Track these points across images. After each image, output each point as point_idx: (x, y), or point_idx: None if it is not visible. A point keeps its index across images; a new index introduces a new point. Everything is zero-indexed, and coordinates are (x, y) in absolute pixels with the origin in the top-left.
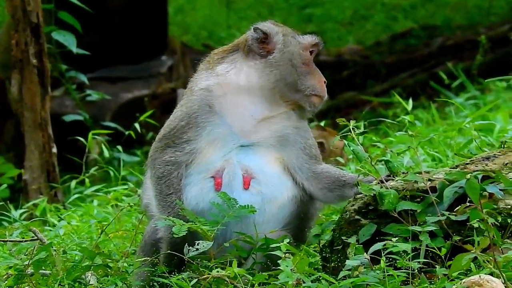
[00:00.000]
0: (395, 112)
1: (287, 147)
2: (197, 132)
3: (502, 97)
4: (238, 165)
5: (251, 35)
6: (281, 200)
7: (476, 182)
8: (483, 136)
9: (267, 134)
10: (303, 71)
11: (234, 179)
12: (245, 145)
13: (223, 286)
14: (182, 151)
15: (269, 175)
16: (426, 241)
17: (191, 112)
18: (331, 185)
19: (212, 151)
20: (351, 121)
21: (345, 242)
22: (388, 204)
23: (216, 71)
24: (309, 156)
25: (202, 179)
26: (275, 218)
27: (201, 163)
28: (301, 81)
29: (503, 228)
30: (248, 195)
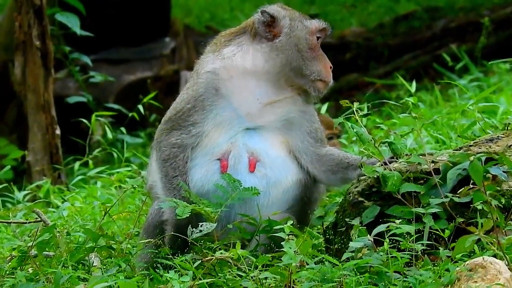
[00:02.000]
0: (398, 94)
1: (292, 131)
2: (203, 115)
3: (505, 79)
4: (244, 147)
5: (258, 18)
6: (286, 184)
7: (480, 164)
8: (486, 118)
9: (272, 118)
10: (309, 56)
11: (239, 162)
12: (250, 128)
13: (226, 267)
14: (188, 133)
15: (274, 158)
16: (429, 223)
17: (197, 95)
18: (335, 168)
19: (218, 134)
20: (354, 103)
21: (348, 224)
22: (392, 186)
23: (222, 54)
24: (314, 139)
25: (208, 161)
26: (280, 201)
27: (207, 146)
28: (307, 66)
29: (506, 210)
30: (253, 178)
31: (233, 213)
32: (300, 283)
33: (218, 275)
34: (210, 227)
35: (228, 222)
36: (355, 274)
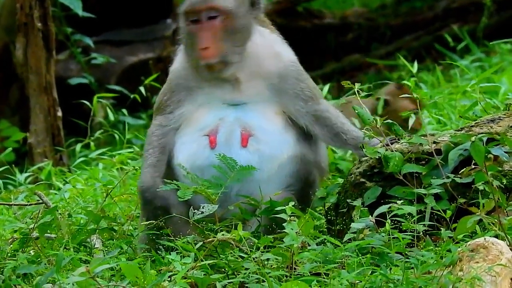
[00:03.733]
0: (400, 74)
1: (282, 98)
2: (185, 98)
3: (507, 59)
4: (237, 122)
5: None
6: (280, 159)
7: (481, 145)
8: (488, 99)
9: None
10: (188, 43)
11: (231, 136)
12: (239, 103)
13: (228, 249)
14: (171, 118)
15: (269, 132)
16: (431, 203)
17: (175, 81)
18: (333, 137)
19: (204, 112)
20: (356, 83)
21: (350, 205)
22: (393, 166)
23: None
24: (304, 100)
25: (197, 137)
26: (275, 177)
27: (194, 124)
28: (191, 54)
29: (508, 190)
30: (245, 153)
31: (230, 192)
32: (302, 264)
33: (220, 257)
34: (211, 208)
35: (224, 200)
36: (357, 255)
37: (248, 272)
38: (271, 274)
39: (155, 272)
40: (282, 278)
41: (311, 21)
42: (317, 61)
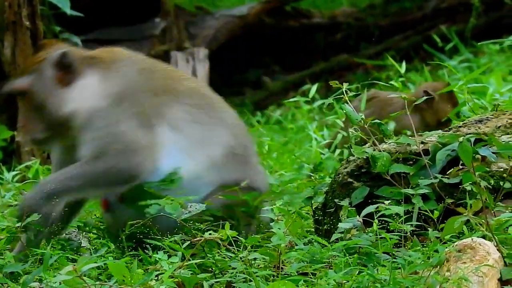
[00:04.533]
0: (388, 74)
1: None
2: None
3: (495, 60)
4: None
5: None
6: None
7: (469, 145)
8: (476, 99)
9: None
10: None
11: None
12: None
13: (215, 248)
14: None
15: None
16: (418, 204)
17: None
18: None
19: None
20: (344, 83)
21: (337, 204)
22: (381, 166)
23: None
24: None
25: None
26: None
27: None
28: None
29: (496, 191)
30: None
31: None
32: (289, 263)
33: (207, 256)
34: (199, 207)
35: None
36: (344, 255)
37: (235, 272)
38: (258, 274)
39: (142, 271)
40: (269, 277)
41: (299, 20)
42: (306, 60)
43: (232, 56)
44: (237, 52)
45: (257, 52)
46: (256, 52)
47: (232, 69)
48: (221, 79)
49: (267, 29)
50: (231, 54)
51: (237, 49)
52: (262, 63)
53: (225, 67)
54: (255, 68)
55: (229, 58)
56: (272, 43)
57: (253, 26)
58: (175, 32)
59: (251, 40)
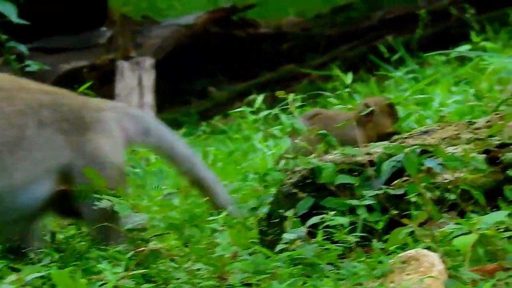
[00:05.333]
0: (334, 85)
1: None
2: None
3: (441, 71)
4: None
5: None
6: None
7: (414, 156)
8: (422, 110)
9: None
10: None
11: None
12: None
13: (159, 258)
14: None
15: None
16: (363, 215)
17: None
18: None
19: None
20: (290, 94)
21: (282, 215)
22: (326, 177)
23: None
24: None
25: None
26: None
27: None
28: None
29: (441, 202)
30: None
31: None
32: (233, 274)
33: (151, 266)
34: (143, 218)
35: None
36: (288, 266)
37: (179, 282)
38: (202, 284)
39: (86, 281)
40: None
41: (246, 30)
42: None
43: (178, 66)
44: (183, 61)
45: (203, 61)
46: (202, 62)
47: (178, 79)
48: (167, 89)
49: (214, 38)
50: (177, 64)
51: (183, 58)
52: (209, 73)
53: (172, 76)
54: (202, 78)
55: (175, 67)
56: (219, 52)
57: (200, 36)
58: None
59: (197, 49)
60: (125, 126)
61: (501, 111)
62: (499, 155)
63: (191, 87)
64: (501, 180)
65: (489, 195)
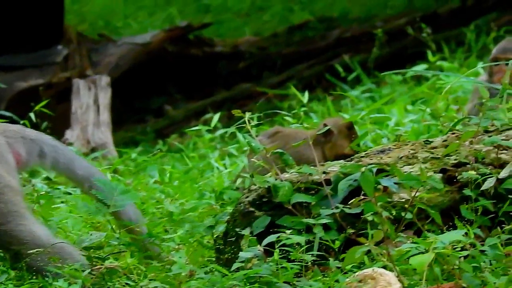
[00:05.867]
0: (290, 104)
1: None
2: None
3: (397, 90)
4: None
5: None
6: None
7: (371, 175)
8: (378, 129)
9: None
10: None
11: None
12: None
13: (116, 276)
14: None
15: None
16: (320, 233)
17: None
18: None
19: None
20: (246, 112)
21: (239, 234)
22: (283, 196)
23: None
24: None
25: None
26: None
27: None
28: None
29: (397, 221)
30: None
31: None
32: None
33: (107, 284)
34: (100, 235)
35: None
36: (244, 284)
37: None
38: None
39: None
40: None
41: (202, 49)
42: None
43: (134, 84)
44: (140, 79)
45: (160, 80)
46: (159, 80)
47: (135, 97)
48: (124, 107)
49: (170, 57)
50: (133, 82)
51: (140, 76)
52: (165, 91)
53: (128, 94)
54: (158, 96)
55: (131, 85)
56: (175, 71)
57: (156, 54)
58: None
59: (154, 68)
60: (17, 150)
61: (458, 131)
62: (456, 174)
63: (148, 106)
64: (457, 199)
65: (446, 214)
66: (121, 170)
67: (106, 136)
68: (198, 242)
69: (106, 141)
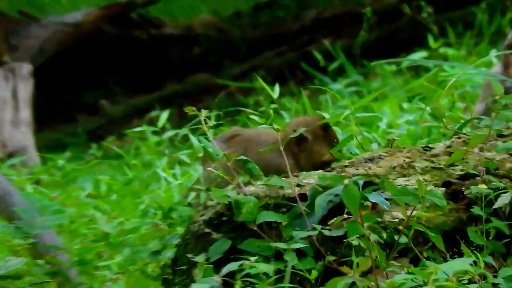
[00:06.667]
0: (257, 100)
1: None
2: None
3: (390, 83)
4: None
5: None
6: None
7: (356, 189)
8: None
9: None
10: None
11: None
12: None
13: None
14: None
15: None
16: (292, 261)
17: None
18: None
19: None
20: (202, 110)
21: (191, 261)
22: (246, 214)
23: None
24: None
25: None
26: None
27: None
28: None
29: (389, 246)
30: None
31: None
32: None
33: None
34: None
35: None
36: None
37: None
38: None
39: None
40: None
41: (148, 31)
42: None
43: (63, 74)
44: (69, 68)
45: (94, 69)
46: (93, 69)
47: (63, 90)
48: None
49: (108, 40)
50: (62, 71)
51: (69, 64)
52: (101, 83)
53: (54, 87)
54: (92, 89)
55: (59, 75)
56: (114, 58)
57: (90, 37)
58: None
59: (87, 54)
60: None
61: (465, 134)
62: (462, 188)
63: (79, 101)
64: (464, 219)
65: (450, 238)
66: (45, 181)
67: (27, 138)
68: (140, 271)
69: (26, 144)
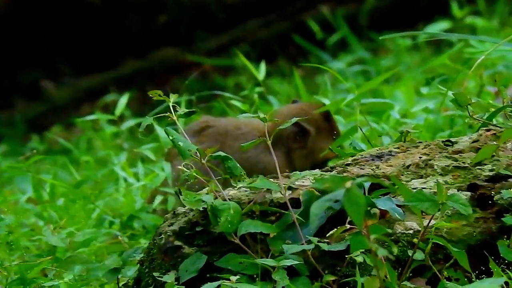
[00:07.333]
0: (238, 81)
1: None
2: None
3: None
4: None
5: None
6: None
7: (361, 194)
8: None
9: None
10: None
11: None
12: None
13: None
14: None
15: None
16: (282, 281)
17: None
18: None
19: None
20: (170, 94)
21: (158, 280)
22: (226, 224)
23: None
24: None
25: None
26: None
27: None
28: None
29: (401, 264)
30: None
31: None
32: None
33: None
34: None
35: None
36: None
37: None
38: None
39: None
40: None
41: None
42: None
43: None
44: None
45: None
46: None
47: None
48: None
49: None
50: None
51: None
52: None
53: None
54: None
55: None
56: (58, 29)
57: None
58: None
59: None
60: None
61: (495, 126)
62: (492, 193)
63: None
64: (493, 231)
65: (476, 254)
66: None
67: None
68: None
69: None
